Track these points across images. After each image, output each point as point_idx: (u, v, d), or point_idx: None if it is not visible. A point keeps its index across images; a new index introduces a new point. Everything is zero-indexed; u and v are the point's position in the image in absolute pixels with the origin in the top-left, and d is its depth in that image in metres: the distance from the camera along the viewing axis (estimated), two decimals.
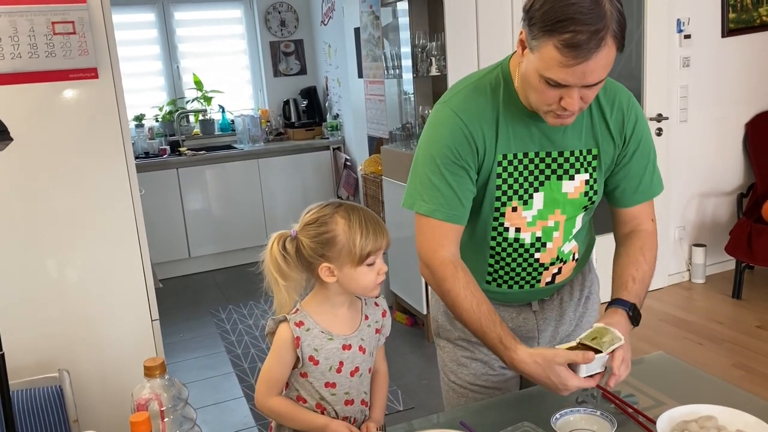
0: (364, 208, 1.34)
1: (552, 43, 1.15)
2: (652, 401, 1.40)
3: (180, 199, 5.06)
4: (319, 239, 1.29)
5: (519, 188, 1.39)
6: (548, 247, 1.45)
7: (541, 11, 1.15)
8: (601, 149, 1.41)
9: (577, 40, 1.12)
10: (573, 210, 1.44)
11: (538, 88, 1.23)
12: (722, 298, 3.96)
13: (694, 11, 3.94)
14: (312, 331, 1.34)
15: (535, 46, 1.19)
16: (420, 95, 3.63)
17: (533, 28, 1.17)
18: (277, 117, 5.81)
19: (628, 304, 1.37)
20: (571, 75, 1.17)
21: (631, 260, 1.44)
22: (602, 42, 1.13)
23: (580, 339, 1.29)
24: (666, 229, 4.12)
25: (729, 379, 2.96)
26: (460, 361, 1.58)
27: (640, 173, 1.45)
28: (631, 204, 1.48)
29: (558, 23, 1.13)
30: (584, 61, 1.14)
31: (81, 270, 2.16)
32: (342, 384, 1.36)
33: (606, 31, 1.13)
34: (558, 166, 1.40)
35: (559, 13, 1.13)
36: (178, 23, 5.54)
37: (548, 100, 1.24)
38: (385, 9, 3.72)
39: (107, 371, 2.21)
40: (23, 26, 1.92)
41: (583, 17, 1.11)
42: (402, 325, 3.89)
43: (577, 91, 1.20)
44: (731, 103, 4.16)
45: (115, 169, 2.16)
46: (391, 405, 3.02)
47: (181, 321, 4.29)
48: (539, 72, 1.20)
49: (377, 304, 1.45)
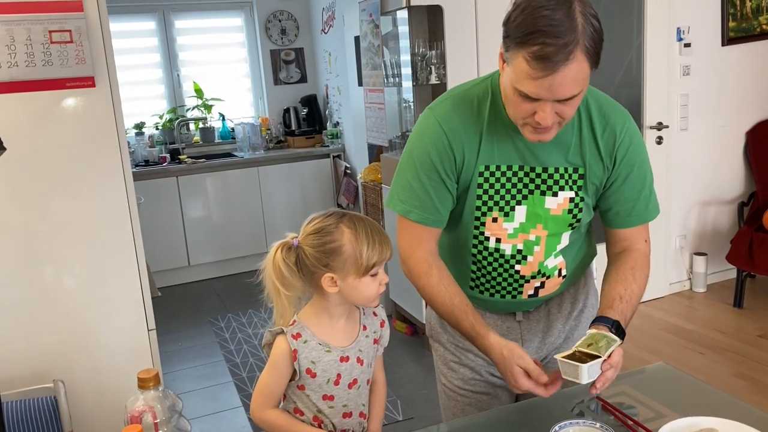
0: (367, 218, 1.34)
1: (522, 55, 1.15)
2: (653, 413, 1.38)
3: (180, 207, 5.06)
4: (324, 249, 1.28)
5: (500, 200, 1.40)
6: (529, 260, 1.45)
7: (515, 24, 1.16)
8: (588, 169, 1.39)
9: (545, 52, 1.12)
10: (556, 226, 1.42)
11: (514, 101, 1.24)
12: (724, 307, 3.94)
13: (694, 20, 3.94)
14: (309, 343, 1.32)
15: (508, 58, 1.20)
16: (419, 103, 3.62)
17: (507, 40, 1.19)
18: (277, 125, 5.81)
19: (611, 321, 1.35)
20: (540, 88, 1.16)
21: (620, 279, 1.43)
22: (571, 55, 1.12)
23: (577, 347, 1.28)
24: (667, 237, 4.11)
25: (730, 389, 2.94)
26: (449, 365, 1.59)
27: (634, 198, 1.43)
28: (624, 226, 1.47)
29: (528, 35, 1.13)
30: (551, 74, 1.14)
31: (77, 279, 2.15)
32: (340, 396, 1.35)
33: (575, 44, 1.12)
34: (542, 181, 1.39)
35: (530, 25, 1.13)
36: (178, 31, 5.55)
37: (523, 114, 1.24)
38: (385, 18, 3.72)
39: (103, 382, 2.19)
40: (20, 35, 1.92)
41: (553, 29, 1.11)
42: (402, 334, 3.87)
43: (551, 105, 1.20)
44: (732, 111, 4.15)
45: (112, 177, 2.15)
46: (390, 415, 3.00)
47: (180, 330, 4.27)
48: (512, 84, 1.21)
49: (375, 314, 1.43)
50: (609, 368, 1.25)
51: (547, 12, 1.12)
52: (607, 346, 1.25)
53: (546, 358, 1.58)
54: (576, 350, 1.27)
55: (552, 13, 1.12)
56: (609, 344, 1.26)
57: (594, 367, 1.22)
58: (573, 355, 1.26)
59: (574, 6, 1.13)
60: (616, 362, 1.25)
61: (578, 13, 1.13)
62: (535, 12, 1.13)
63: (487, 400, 1.57)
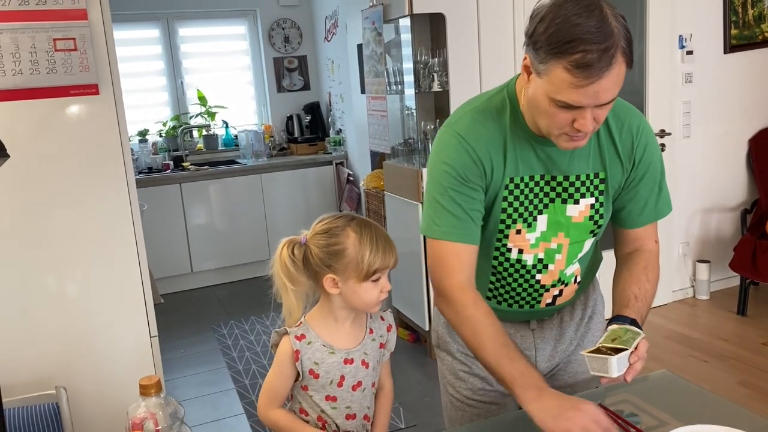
0: (376, 224, 1.34)
1: (561, 65, 1.13)
2: (656, 421, 1.37)
3: (183, 214, 5.07)
4: (329, 250, 1.30)
5: (524, 211, 1.38)
6: (550, 268, 1.44)
7: (546, 34, 1.13)
8: (609, 173, 1.39)
9: (588, 59, 1.10)
10: (578, 234, 1.42)
11: (550, 112, 1.20)
12: (727, 315, 3.93)
13: (697, 27, 3.94)
14: (313, 344, 1.33)
15: (543, 70, 1.17)
16: (422, 111, 3.63)
17: (539, 51, 1.15)
18: (280, 132, 5.82)
19: (627, 319, 1.36)
20: (584, 95, 1.15)
21: (634, 279, 1.43)
22: (613, 59, 1.12)
23: (600, 344, 1.28)
24: (669, 244, 4.10)
25: (734, 397, 2.92)
26: (458, 375, 1.57)
27: (647, 196, 1.44)
28: (636, 226, 1.47)
29: (566, 44, 1.11)
30: (597, 80, 1.12)
31: (80, 286, 2.15)
32: (343, 398, 1.36)
33: (616, 48, 1.12)
34: (563, 189, 1.38)
35: (566, 34, 1.11)
36: (182, 39, 5.58)
37: (560, 123, 1.21)
38: (388, 25, 3.74)
39: (105, 388, 2.19)
40: (25, 43, 1.93)
41: (591, 36, 1.10)
42: (404, 341, 3.87)
43: (590, 111, 1.18)
44: (734, 118, 4.15)
45: (115, 185, 2.16)
46: (393, 423, 2.99)
47: (183, 336, 4.27)
48: (549, 95, 1.18)
49: (383, 318, 1.44)
50: (637, 360, 1.25)
51: (581, 20, 1.10)
52: (632, 338, 1.26)
53: (557, 367, 1.57)
54: (601, 346, 1.28)
55: (586, 20, 1.10)
56: (634, 337, 1.27)
57: (622, 360, 1.23)
58: (598, 350, 1.27)
59: (604, 10, 1.12)
60: (642, 354, 1.26)
61: (610, 16, 1.12)
62: (568, 20, 1.11)
63: (496, 410, 1.56)
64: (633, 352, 1.26)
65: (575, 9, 1.11)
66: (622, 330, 1.30)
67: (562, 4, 1.13)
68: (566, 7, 1.12)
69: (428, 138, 3.54)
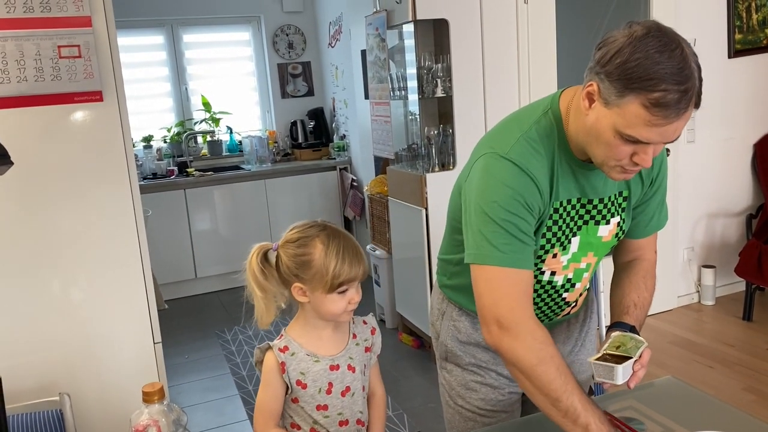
0: (346, 235, 1.34)
1: (639, 101, 1.10)
2: (661, 428, 1.37)
3: (187, 220, 5.07)
4: (296, 260, 1.32)
5: (561, 235, 1.37)
6: (576, 287, 1.47)
7: (626, 67, 1.10)
8: (632, 191, 1.42)
9: (669, 99, 1.08)
10: (604, 251, 1.45)
11: (612, 143, 1.17)
12: (733, 320, 3.91)
13: (701, 32, 3.94)
14: (297, 355, 1.34)
15: (615, 102, 1.13)
16: (426, 116, 3.63)
17: (615, 84, 1.12)
18: (284, 138, 5.83)
19: (628, 326, 1.40)
20: (656, 133, 1.13)
21: (634, 287, 1.47)
22: (691, 101, 1.11)
23: (605, 350, 1.32)
24: (674, 250, 4.09)
25: (740, 403, 2.90)
26: (469, 385, 1.56)
27: (655, 209, 1.48)
28: (640, 236, 1.51)
29: (648, 81, 1.08)
30: (674, 121, 1.11)
31: (83, 292, 2.15)
32: (334, 405, 1.36)
33: (693, 90, 1.10)
34: (597, 212, 1.38)
35: (649, 70, 1.08)
36: (186, 45, 5.60)
37: (619, 156, 1.19)
38: (391, 31, 3.74)
39: (109, 395, 2.19)
40: (29, 50, 1.94)
41: (674, 76, 1.08)
42: (408, 347, 3.86)
43: (653, 147, 1.17)
44: (739, 123, 4.14)
45: (120, 191, 2.16)
46: (397, 429, 2.98)
47: (186, 342, 4.27)
48: (617, 128, 1.15)
49: (365, 322, 1.46)
50: (640, 368, 1.29)
51: (664, 58, 1.08)
52: (636, 347, 1.31)
53: None
54: (605, 353, 1.31)
55: (669, 59, 1.08)
56: (637, 345, 1.31)
57: (627, 368, 1.27)
58: (603, 357, 1.31)
59: (685, 50, 1.10)
60: (646, 362, 1.30)
61: (689, 56, 1.10)
62: (650, 57, 1.08)
63: (506, 418, 1.56)
64: (637, 360, 1.29)
65: (657, 46, 1.09)
66: (626, 338, 1.34)
67: (643, 38, 1.10)
68: (647, 42, 1.09)
69: (431, 143, 3.54)
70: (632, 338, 1.34)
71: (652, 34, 1.10)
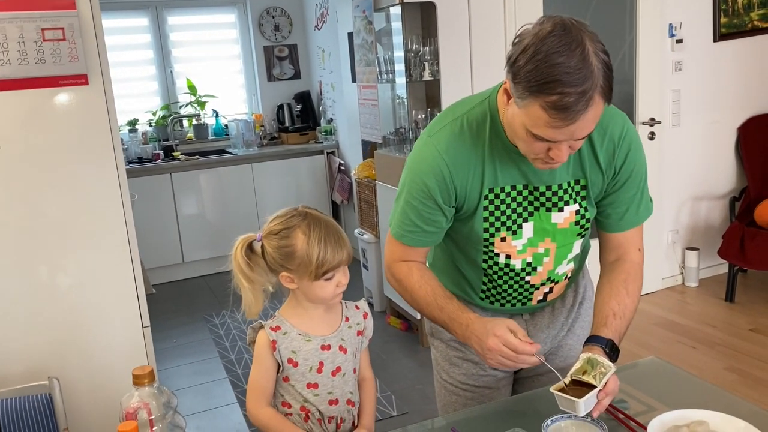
0: (328, 221, 1.35)
1: (538, 103, 1.12)
2: (644, 406, 1.40)
3: (173, 204, 5.05)
4: (280, 252, 1.33)
5: (507, 220, 1.39)
6: (539, 270, 1.46)
7: (526, 69, 1.11)
8: (589, 180, 1.39)
9: (565, 102, 1.09)
10: (564, 238, 1.43)
11: (526, 140, 1.21)
12: (715, 302, 3.97)
13: (686, 16, 3.95)
14: (289, 334, 1.37)
15: (520, 103, 1.16)
16: (413, 100, 3.63)
17: (518, 86, 1.14)
18: (271, 121, 5.80)
19: (604, 340, 1.34)
20: (560, 134, 1.15)
21: (614, 293, 1.42)
22: (590, 102, 1.11)
23: (572, 374, 1.28)
24: (659, 232, 4.13)
25: (722, 382, 2.96)
26: (452, 360, 1.60)
27: (628, 202, 1.44)
28: (617, 230, 1.47)
29: (545, 84, 1.09)
30: (572, 123, 1.12)
31: (71, 277, 2.15)
32: (324, 384, 1.38)
33: (593, 89, 1.10)
34: (546, 199, 1.39)
35: (545, 74, 1.09)
36: (171, 28, 5.54)
37: (536, 151, 1.22)
38: (378, 14, 3.73)
39: (98, 379, 2.19)
40: (13, 33, 1.91)
41: (570, 78, 1.08)
42: (396, 329, 3.88)
43: (566, 143, 1.19)
44: (723, 107, 4.17)
45: (106, 175, 2.15)
46: (385, 410, 3.01)
47: (175, 326, 4.27)
48: (526, 127, 1.18)
49: (358, 307, 1.48)
50: (605, 396, 1.25)
51: (562, 59, 1.08)
52: (603, 374, 1.25)
53: (548, 352, 1.60)
54: (572, 377, 1.27)
55: (567, 60, 1.08)
56: (604, 372, 1.26)
57: (590, 399, 1.23)
58: (571, 382, 1.27)
59: (586, 48, 1.10)
60: (611, 390, 1.25)
61: (591, 54, 1.10)
62: (549, 59, 1.09)
63: (489, 394, 1.59)
64: (601, 390, 1.24)
65: (557, 45, 1.09)
66: (595, 360, 1.28)
67: (545, 37, 1.10)
68: (548, 41, 1.10)
69: (419, 127, 3.55)
70: (600, 363, 1.27)
71: (555, 33, 1.10)
